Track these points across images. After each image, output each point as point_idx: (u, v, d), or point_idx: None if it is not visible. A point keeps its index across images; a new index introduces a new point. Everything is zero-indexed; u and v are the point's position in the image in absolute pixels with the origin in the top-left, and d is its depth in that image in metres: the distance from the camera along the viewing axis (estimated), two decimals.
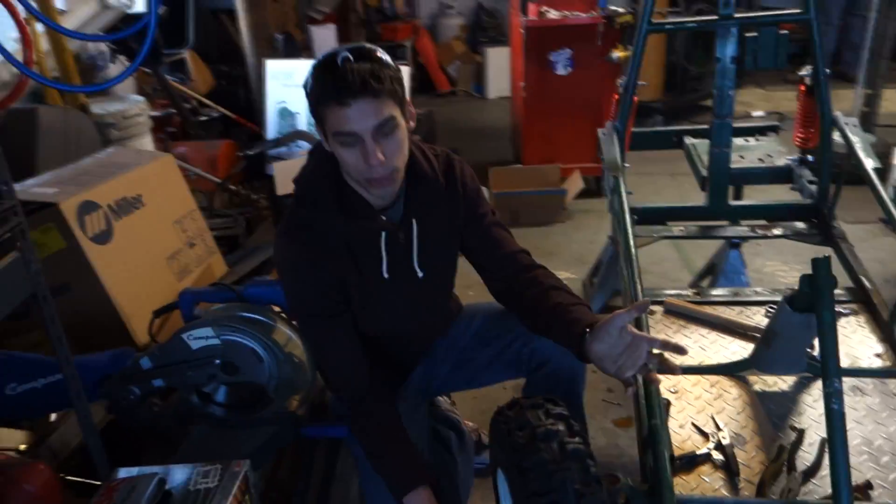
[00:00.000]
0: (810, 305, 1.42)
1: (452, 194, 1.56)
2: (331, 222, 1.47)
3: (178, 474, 1.47)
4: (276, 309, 1.79)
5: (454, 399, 2.03)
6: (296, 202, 1.52)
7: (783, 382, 1.71)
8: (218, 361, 1.69)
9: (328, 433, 1.89)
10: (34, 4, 2.08)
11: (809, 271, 1.37)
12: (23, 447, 1.70)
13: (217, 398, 1.78)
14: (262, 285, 1.84)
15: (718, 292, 2.13)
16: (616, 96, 2.36)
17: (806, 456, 1.51)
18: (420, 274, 1.56)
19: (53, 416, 1.89)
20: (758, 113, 5.65)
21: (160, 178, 2.45)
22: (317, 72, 1.35)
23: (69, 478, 1.64)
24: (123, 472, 1.48)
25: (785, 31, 2.13)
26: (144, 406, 1.75)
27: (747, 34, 2.16)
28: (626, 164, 2.44)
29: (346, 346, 1.54)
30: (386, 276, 1.53)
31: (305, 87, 1.38)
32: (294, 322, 1.80)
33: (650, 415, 1.41)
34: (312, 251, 1.48)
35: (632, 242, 1.85)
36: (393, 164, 1.39)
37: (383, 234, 1.49)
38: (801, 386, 1.69)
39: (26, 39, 1.97)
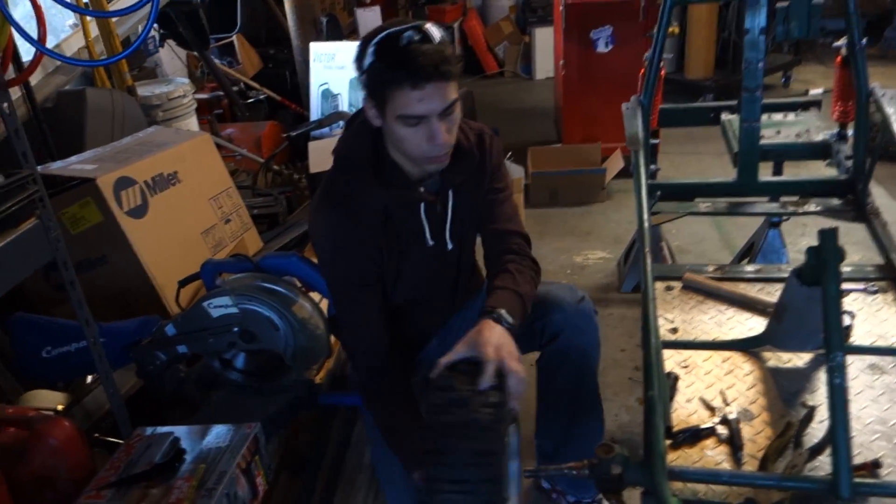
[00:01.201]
0: (818, 278, 1.38)
1: (482, 167, 1.59)
2: (370, 190, 1.49)
3: (193, 434, 1.55)
4: (294, 280, 1.85)
5: None
6: (334, 170, 1.55)
7: (798, 359, 1.67)
8: (236, 329, 1.76)
9: (346, 402, 1.95)
10: None
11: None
12: (60, 407, 1.81)
13: (237, 365, 1.85)
14: (278, 257, 1.90)
15: (741, 269, 2.09)
16: (642, 70, 2.32)
17: (815, 433, 1.47)
18: (450, 246, 1.59)
19: (89, 379, 2.00)
20: (816, 91, 5.43)
21: (197, 156, 2.54)
22: (381, 52, 1.33)
23: (98, 436, 1.74)
24: (142, 431, 1.57)
25: (818, 1, 2.05)
26: (170, 371, 1.84)
27: (778, 4, 2.08)
28: (655, 140, 2.40)
29: (373, 319, 1.57)
30: (431, 243, 1.57)
31: (362, 65, 1.37)
32: (310, 293, 1.86)
33: (647, 386, 1.40)
34: (350, 218, 1.50)
35: (646, 218, 1.83)
36: (452, 142, 1.43)
37: (422, 204, 1.52)
38: (817, 363, 1.65)
39: (39, 17, 2.08)
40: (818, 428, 1.48)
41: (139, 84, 3.35)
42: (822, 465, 1.40)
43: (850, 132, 2.32)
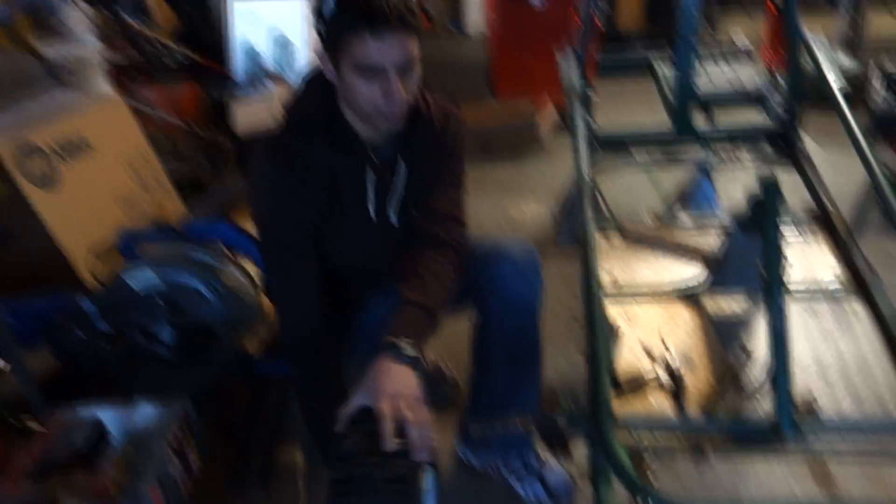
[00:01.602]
0: (757, 224, 1.38)
1: (441, 145, 1.51)
2: (318, 151, 1.40)
3: (118, 414, 1.45)
4: (221, 247, 1.75)
5: None
6: (283, 128, 1.46)
7: (737, 305, 1.69)
8: (161, 302, 1.66)
9: (283, 370, 1.87)
10: None
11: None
12: None
13: (163, 338, 1.75)
14: (205, 223, 1.80)
15: (678, 217, 2.09)
16: (577, 21, 2.27)
17: (755, 376, 1.49)
18: (395, 222, 1.52)
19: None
20: (741, 40, 5.50)
21: (108, 120, 2.38)
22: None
23: (14, 421, 1.62)
24: (62, 414, 1.46)
25: None
26: (90, 349, 1.73)
27: None
28: (590, 89, 2.37)
29: (306, 289, 1.48)
30: (373, 216, 1.48)
31: (321, 13, 1.30)
32: (239, 260, 1.76)
33: (591, 338, 1.38)
34: (293, 177, 1.40)
35: (585, 169, 1.80)
36: (408, 101, 1.36)
37: (370, 171, 1.44)
38: (754, 308, 1.66)
39: None
40: (756, 370, 1.50)
41: (45, 45, 3.10)
42: (764, 407, 1.41)
43: (781, 80, 2.34)
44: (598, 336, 1.40)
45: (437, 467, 1.21)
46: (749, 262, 1.51)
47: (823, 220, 1.92)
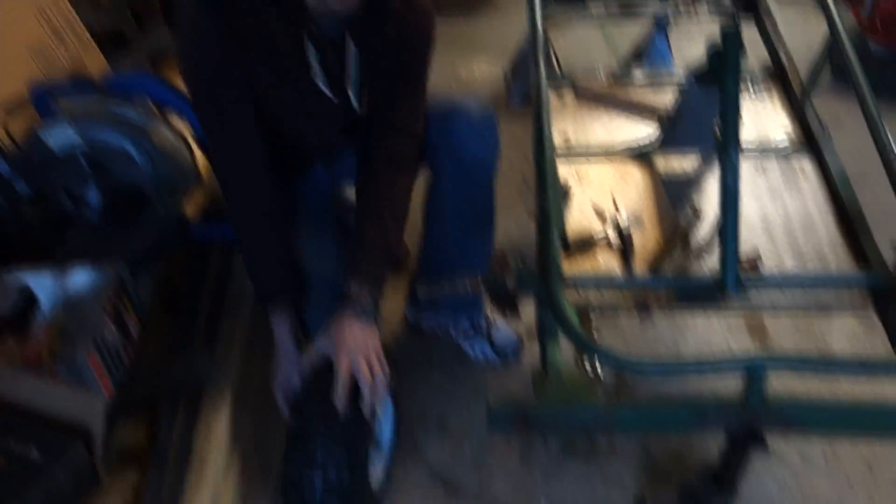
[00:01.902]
0: (716, 77, 1.33)
1: (403, 40, 1.37)
2: (252, 3, 1.25)
3: (48, 279, 1.38)
4: (148, 102, 1.62)
5: None
6: None
7: (687, 165, 1.66)
8: (83, 162, 1.54)
9: (223, 235, 1.80)
10: None
11: None
12: None
13: (91, 201, 1.64)
14: (129, 77, 1.65)
15: (631, 74, 2.02)
16: None
17: (702, 235, 1.49)
18: (357, 107, 1.40)
19: None
20: None
21: None
22: None
23: None
24: None
25: None
26: (12, 214, 1.61)
27: None
28: None
29: (245, 145, 1.36)
30: (329, 94, 1.37)
31: None
32: (168, 116, 1.64)
33: (541, 198, 1.35)
34: (224, 24, 1.25)
35: (538, 22, 1.69)
36: None
37: (310, 44, 1.30)
38: (704, 167, 1.64)
39: None
40: (704, 230, 1.50)
41: None
42: (709, 265, 1.42)
43: None
44: (548, 196, 1.37)
45: (397, 406, 1.26)
46: (704, 118, 1.47)
47: (779, 77, 1.88)
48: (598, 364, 1.22)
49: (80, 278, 1.39)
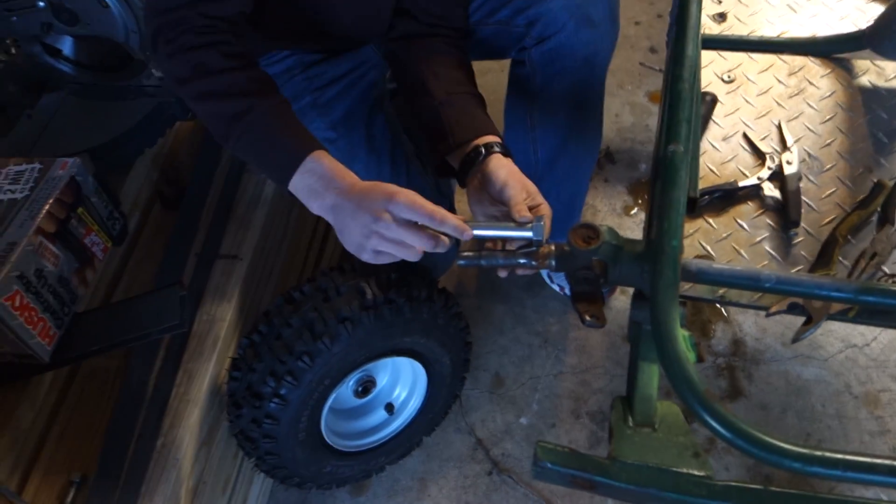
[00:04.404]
0: None
1: None
2: None
3: None
4: None
5: None
6: None
7: None
8: (42, 3, 1.14)
9: None
10: None
11: None
12: None
13: (65, 52, 1.26)
14: None
15: None
16: None
17: None
18: None
19: None
20: None
21: None
22: None
23: None
24: None
25: None
26: None
27: None
28: None
29: None
30: None
31: None
32: None
33: (670, 113, 0.85)
34: None
35: None
36: None
37: None
38: None
39: None
40: None
41: None
42: None
43: None
44: (680, 115, 0.86)
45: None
46: None
47: None
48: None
49: (23, 176, 1.04)
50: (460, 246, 0.89)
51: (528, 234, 0.82)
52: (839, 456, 0.68)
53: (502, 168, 0.90)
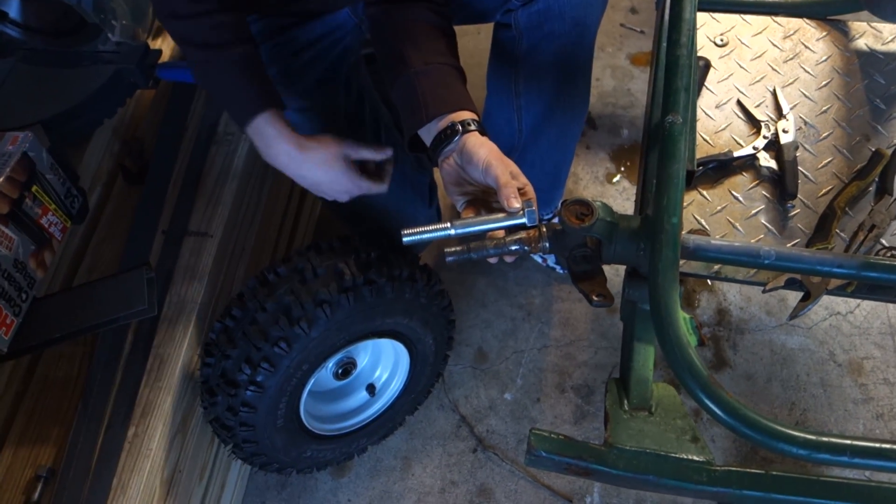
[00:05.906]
0: None
1: None
2: None
3: None
4: None
5: None
6: None
7: None
8: None
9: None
10: None
11: None
12: None
13: (12, 15, 1.17)
14: None
15: None
16: None
17: None
18: None
19: None
20: None
21: None
22: None
23: None
24: None
25: None
26: None
27: None
28: None
29: None
30: None
31: None
32: None
33: (670, 102, 0.80)
34: None
35: None
36: None
37: None
38: None
39: None
40: None
41: None
42: None
43: None
44: (677, 84, 0.81)
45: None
46: None
47: None
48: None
49: None
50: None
51: (523, 220, 0.77)
52: (847, 442, 0.66)
53: (482, 147, 0.84)
